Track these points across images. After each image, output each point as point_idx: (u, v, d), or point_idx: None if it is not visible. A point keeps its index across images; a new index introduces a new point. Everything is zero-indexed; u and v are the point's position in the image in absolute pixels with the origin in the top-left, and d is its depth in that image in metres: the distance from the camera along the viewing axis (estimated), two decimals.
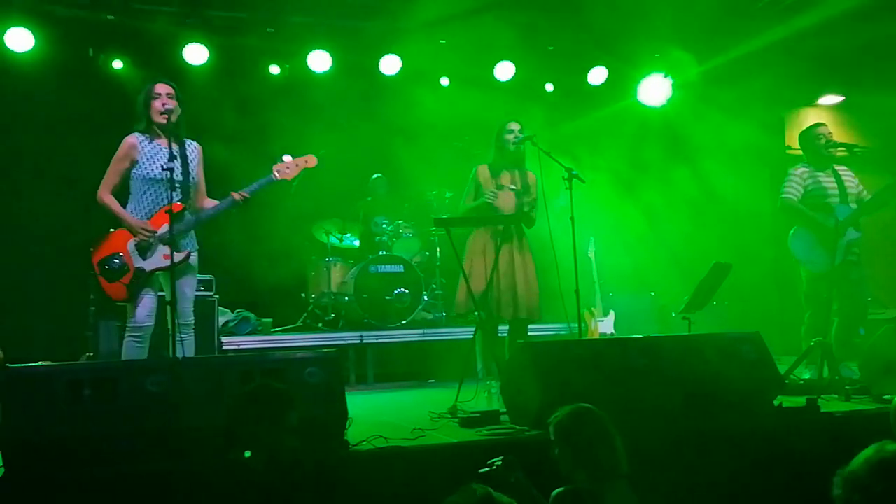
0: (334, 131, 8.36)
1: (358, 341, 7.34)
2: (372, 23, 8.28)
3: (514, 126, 5.81)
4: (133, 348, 4.84)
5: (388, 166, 8.71)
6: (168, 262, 4.79)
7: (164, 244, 4.81)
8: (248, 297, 7.91)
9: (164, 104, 4.90)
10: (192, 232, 5.10)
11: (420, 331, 7.63)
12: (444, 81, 8.97)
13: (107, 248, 4.89)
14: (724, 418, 4.48)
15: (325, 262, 8.06)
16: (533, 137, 5.78)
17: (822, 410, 4.74)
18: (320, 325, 7.87)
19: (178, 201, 4.85)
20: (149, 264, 4.88)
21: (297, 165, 5.10)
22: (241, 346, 6.98)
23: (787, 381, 5.34)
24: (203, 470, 3.49)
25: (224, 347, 6.96)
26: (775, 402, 4.79)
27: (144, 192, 4.93)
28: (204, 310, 6.83)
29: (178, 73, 7.83)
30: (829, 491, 4.02)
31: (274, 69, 8.51)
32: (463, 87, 8.79)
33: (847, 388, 5.22)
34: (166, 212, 4.67)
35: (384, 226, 8.14)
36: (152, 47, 7.83)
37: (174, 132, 4.93)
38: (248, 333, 7.47)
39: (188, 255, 4.96)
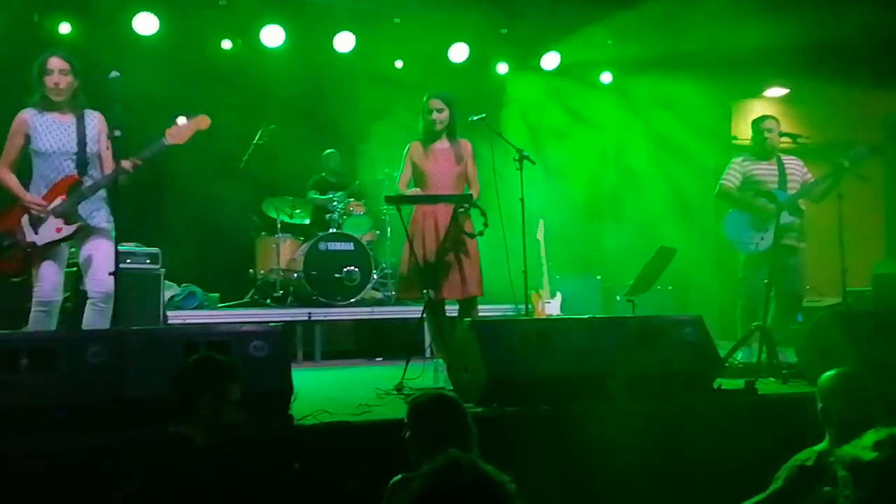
0: (287, 108, 8.33)
1: (306, 318, 7.31)
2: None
3: (436, 103, 5.77)
4: (40, 321, 4.81)
5: (340, 143, 8.67)
6: (59, 235, 4.79)
7: (58, 217, 4.79)
8: (195, 272, 7.82)
9: (55, 82, 4.86)
10: (103, 204, 5.01)
11: (369, 308, 7.64)
12: (399, 63, 8.94)
13: (1, 226, 4.86)
14: (665, 399, 4.56)
15: (274, 238, 8.01)
16: (485, 118, 5.79)
17: (760, 392, 4.86)
18: (268, 301, 7.82)
19: (74, 173, 4.86)
20: (41, 238, 4.82)
21: (188, 128, 4.92)
22: (187, 321, 6.90)
23: (726, 364, 5.47)
24: (145, 443, 3.46)
25: (169, 322, 6.88)
26: (715, 384, 4.89)
27: (41, 166, 4.89)
28: (149, 283, 6.76)
29: (128, 43, 7.72)
30: (765, 470, 4.16)
31: (226, 44, 8.40)
32: (417, 66, 8.78)
33: (784, 371, 5.35)
34: (71, 188, 4.75)
35: (335, 203, 8.10)
36: (101, 14, 7.67)
37: (70, 105, 4.91)
38: (195, 308, 7.39)
39: (80, 227, 4.86)
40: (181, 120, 4.95)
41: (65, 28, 7.74)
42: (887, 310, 6.61)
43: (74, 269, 5.25)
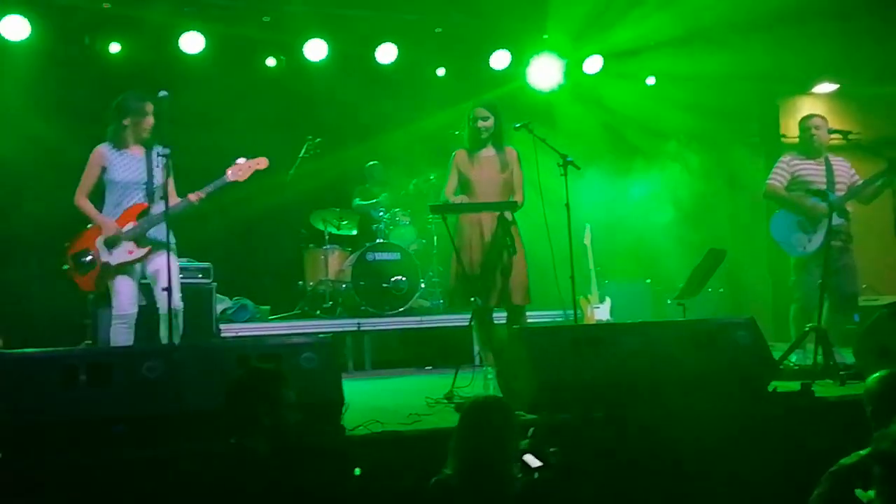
0: (331, 120, 8.41)
1: (355, 328, 7.36)
2: (368, 12, 8.28)
3: (482, 112, 5.79)
4: (121, 333, 5.24)
5: (383, 155, 8.72)
6: (131, 257, 5.31)
7: (129, 240, 5.31)
8: (246, 285, 7.93)
9: (148, 125, 5.42)
10: (165, 227, 5.26)
11: (417, 318, 7.66)
12: (441, 71, 8.98)
13: (79, 244, 5.35)
14: (719, 403, 4.50)
15: (322, 250, 8.08)
16: (529, 124, 5.77)
17: (817, 395, 4.76)
18: (318, 312, 7.89)
19: (144, 201, 5.38)
20: (114, 258, 5.30)
21: (248, 167, 5.47)
22: (240, 334, 7.00)
23: (781, 367, 5.37)
24: (201, 455, 3.51)
25: (222, 335, 6.99)
26: (770, 387, 4.81)
27: (114, 195, 5.37)
28: (202, 297, 6.86)
29: (174, 61, 7.86)
30: (822, 474, 4.07)
31: (270, 62, 8.50)
32: (460, 75, 8.81)
33: (841, 373, 5.24)
34: (140, 214, 5.30)
35: (381, 213, 8.16)
36: (149, 35, 7.84)
37: (147, 142, 5.44)
38: (246, 321, 7.48)
39: (150, 250, 5.35)
40: (241, 160, 5.46)
41: (115, 48, 7.91)
42: None
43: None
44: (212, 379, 3.82)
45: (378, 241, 7.94)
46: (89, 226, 5.36)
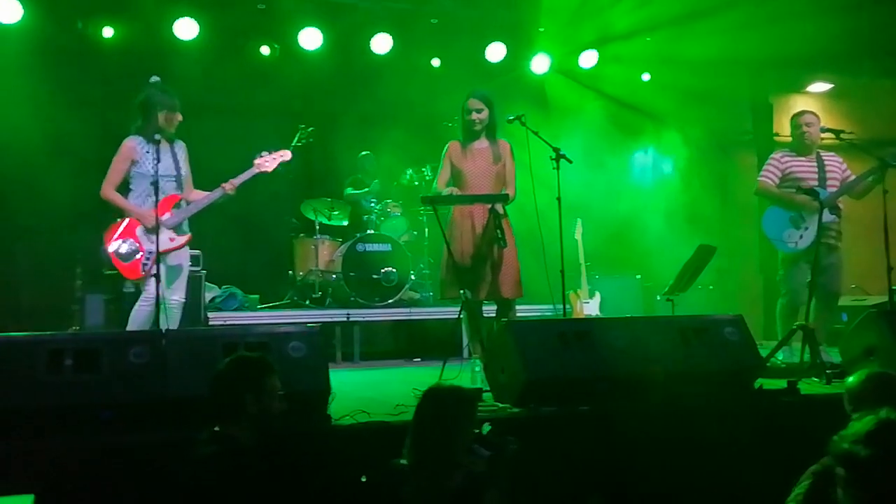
0: (324, 110, 8.39)
1: (345, 319, 7.36)
2: (363, 1, 8.26)
3: (475, 104, 5.77)
4: (145, 314, 5.30)
5: (376, 145, 8.70)
6: (173, 245, 5.46)
7: (169, 229, 5.44)
8: (236, 274, 7.91)
9: (179, 120, 5.55)
10: (188, 222, 5.62)
11: (407, 309, 7.66)
12: (436, 62, 8.96)
13: (120, 235, 5.41)
14: (705, 399, 4.51)
15: (312, 240, 8.07)
16: (522, 117, 5.76)
17: (803, 393, 4.78)
18: (307, 302, 7.88)
19: (177, 192, 5.52)
20: (156, 247, 5.36)
21: (274, 159, 5.72)
22: (228, 322, 6.98)
23: (768, 364, 5.39)
24: (190, 441, 3.50)
25: (210, 323, 6.97)
26: (756, 384, 4.83)
27: (145, 187, 5.40)
28: (190, 285, 6.80)
29: (168, 47, 7.82)
30: (806, 467, 4.08)
31: (265, 50, 8.47)
32: (455, 66, 8.79)
33: (828, 371, 5.26)
34: (175, 205, 5.46)
35: (372, 204, 8.14)
36: (142, 20, 7.80)
37: (171, 136, 5.59)
38: (235, 309, 7.47)
39: (189, 238, 5.56)
40: (265, 152, 5.73)
41: (108, 32, 7.88)
42: None
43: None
44: (199, 366, 3.81)
45: (369, 231, 7.93)
46: (118, 218, 5.43)
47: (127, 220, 5.41)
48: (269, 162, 5.70)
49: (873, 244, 6.49)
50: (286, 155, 5.78)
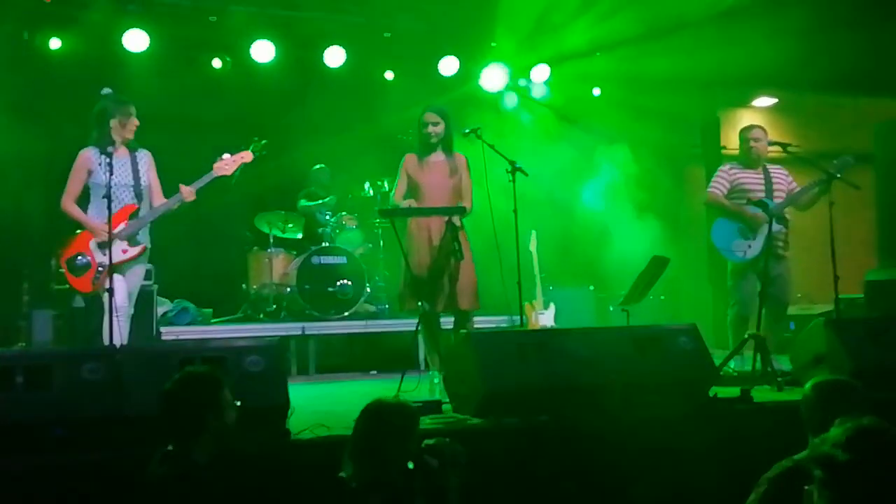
0: (278, 123, 8.33)
1: (300, 332, 7.29)
2: (316, 13, 8.24)
3: (432, 117, 5.80)
4: (122, 327, 5.24)
5: (330, 158, 8.67)
6: (125, 256, 5.37)
7: (122, 240, 5.35)
8: (188, 288, 7.80)
9: (135, 126, 5.49)
10: (147, 228, 5.57)
11: (363, 322, 7.63)
12: (389, 75, 8.97)
13: (72, 249, 5.37)
14: (662, 408, 4.56)
15: (266, 253, 8.01)
16: (477, 130, 5.80)
17: (756, 400, 4.86)
18: (261, 315, 7.81)
19: (133, 202, 5.42)
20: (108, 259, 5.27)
21: (234, 161, 5.61)
22: (181, 337, 6.88)
23: (721, 373, 5.48)
24: (144, 459, 3.44)
25: (163, 338, 6.86)
26: (710, 393, 4.90)
27: (100, 197, 5.31)
28: (142, 299, 6.69)
29: (118, 59, 7.72)
30: (761, 474, 4.15)
31: (216, 63, 8.41)
32: (408, 80, 8.81)
33: (779, 379, 5.37)
34: (131, 215, 5.38)
35: (327, 217, 8.10)
36: (91, 32, 7.68)
37: (131, 144, 5.52)
38: (188, 324, 7.37)
39: (143, 249, 5.48)
40: (226, 155, 5.63)
41: (55, 44, 7.74)
42: (881, 317, 6.63)
43: None
44: (154, 381, 3.70)
45: (324, 244, 7.88)
46: (78, 231, 5.39)
47: (81, 232, 5.36)
48: (228, 165, 5.60)
49: (818, 255, 6.67)
50: (247, 157, 5.69)
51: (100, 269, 5.28)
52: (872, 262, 7.67)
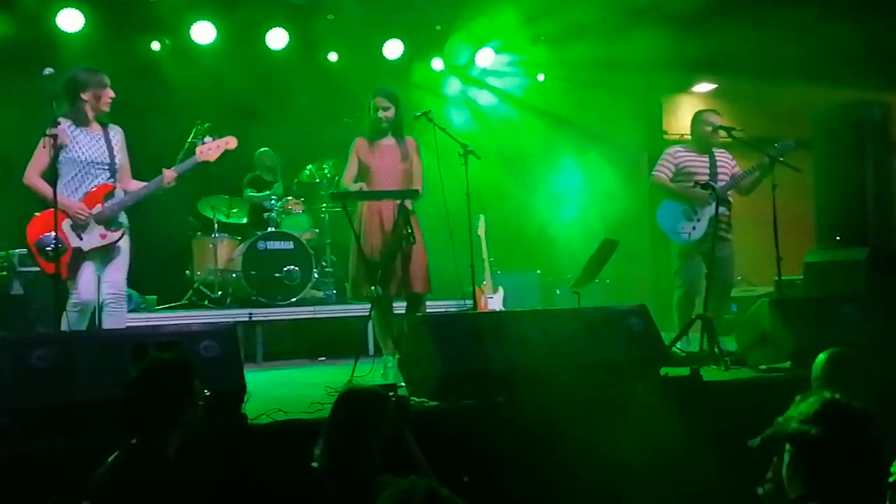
0: (220, 105, 8.18)
1: (247, 318, 7.18)
2: None
3: (382, 102, 5.76)
4: (75, 321, 4.97)
5: (275, 141, 8.56)
6: (104, 242, 5.05)
7: (100, 223, 5.03)
8: (130, 275, 7.57)
9: (110, 98, 5.18)
10: (124, 211, 5.24)
11: (311, 308, 7.55)
12: (333, 57, 8.88)
13: (41, 229, 4.93)
14: (614, 387, 4.63)
15: (211, 238, 7.87)
16: (429, 113, 5.78)
17: (705, 379, 4.97)
18: (206, 302, 7.68)
19: (110, 182, 5.10)
20: (86, 244, 5.02)
21: (218, 147, 5.36)
22: (125, 325, 6.71)
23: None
24: (98, 448, 3.35)
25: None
26: (661, 372, 4.99)
27: (74, 175, 5.05)
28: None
29: (56, 40, 7.48)
30: (712, 455, 4.25)
31: (155, 45, 8.21)
32: (353, 63, 8.74)
33: (726, 359, 5.49)
34: (107, 195, 5.03)
35: (273, 201, 8.00)
36: (23, 11, 7.42)
37: (103, 118, 5.22)
38: (132, 311, 7.17)
39: (123, 234, 5.16)
40: (209, 139, 5.42)
41: None
42: (821, 296, 6.83)
43: None
44: (108, 368, 3.67)
45: (270, 229, 7.78)
46: (39, 211, 4.98)
47: (50, 210, 4.89)
48: (212, 150, 5.33)
49: (755, 238, 6.83)
50: (231, 142, 5.41)
51: (75, 253, 4.96)
52: (809, 244, 7.88)
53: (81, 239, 4.97)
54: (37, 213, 5.01)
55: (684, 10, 7.79)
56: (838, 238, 7.50)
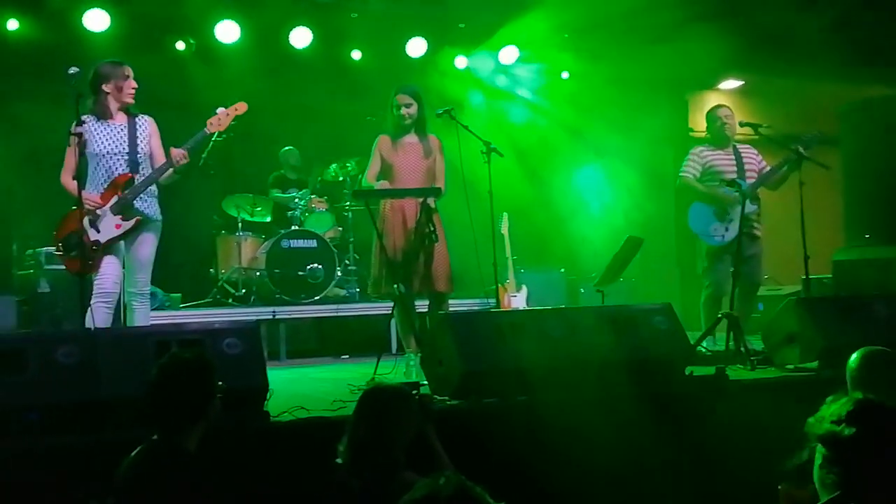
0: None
1: (270, 317, 7.21)
2: None
3: (404, 99, 5.74)
4: (102, 313, 4.94)
5: (300, 140, 8.58)
6: (119, 231, 5.01)
7: (116, 214, 5.00)
8: (156, 273, 7.61)
9: (133, 88, 5.17)
10: (154, 200, 5.22)
11: (334, 306, 7.57)
12: (356, 55, 8.89)
13: (66, 227, 5.01)
14: (639, 386, 4.58)
15: (235, 237, 7.90)
16: (452, 111, 5.77)
17: (731, 378, 4.91)
18: (230, 300, 7.71)
19: (128, 171, 5.05)
20: (103, 235, 5.00)
21: (227, 114, 5.25)
22: (150, 323, 6.75)
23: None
24: (122, 444, 3.37)
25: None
26: (686, 372, 4.94)
27: (97, 168, 5.07)
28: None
29: (81, 40, 7.55)
30: (739, 455, 4.19)
31: (180, 45, 8.26)
32: (376, 61, 8.74)
33: (752, 358, 5.43)
34: (124, 185, 4.98)
35: (296, 200, 8.02)
36: (49, 11, 7.50)
37: (123, 109, 5.17)
38: (156, 309, 7.22)
39: (137, 223, 5.06)
40: (220, 109, 5.24)
41: (13, 25, 7.55)
42: (850, 296, 6.74)
43: None
44: (131, 365, 3.69)
45: (294, 227, 7.80)
46: (73, 207, 4.99)
47: (73, 210, 4.98)
48: (222, 119, 5.22)
49: (783, 236, 6.75)
50: (241, 107, 5.29)
51: (94, 247, 4.94)
52: (838, 242, 7.78)
53: (99, 231, 4.97)
54: (68, 212, 5.05)
55: (710, 7, 7.74)
56: (867, 236, 7.39)
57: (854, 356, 3.55)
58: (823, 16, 7.28)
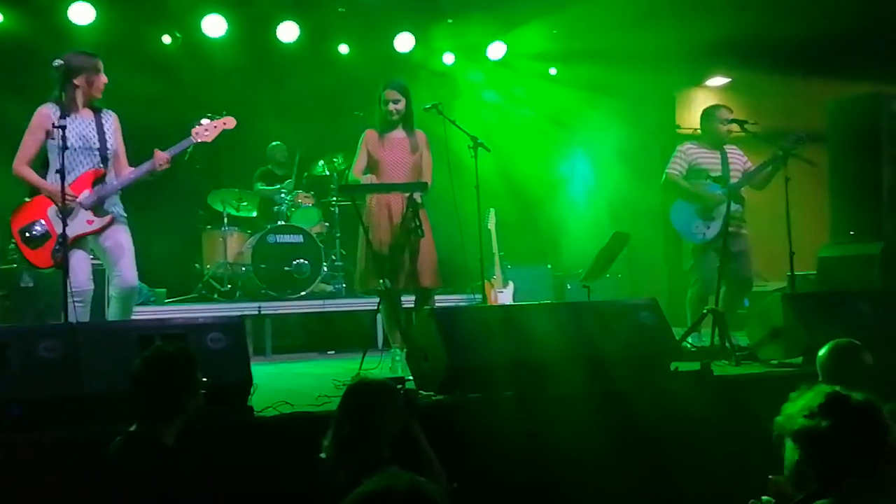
0: (232, 98, 8.16)
1: (256, 312, 7.18)
2: None
3: (392, 94, 5.73)
4: (79, 311, 4.81)
5: (286, 135, 8.54)
6: (91, 227, 4.89)
7: (86, 209, 4.89)
8: (140, 267, 7.57)
9: (103, 83, 5.02)
10: (118, 198, 5.12)
11: (320, 301, 7.54)
12: (344, 49, 8.86)
13: (26, 217, 4.87)
14: (624, 381, 4.59)
15: (221, 232, 7.86)
16: (439, 105, 5.76)
17: (716, 374, 4.92)
18: (216, 295, 7.67)
19: (100, 167, 4.95)
20: (71, 230, 4.83)
21: (215, 127, 5.16)
22: (134, 317, 6.71)
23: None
24: (104, 438, 3.35)
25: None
26: (671, 367, 4.94)
27: (63, 162, 4.85)
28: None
29: (66, 33, 7.49)
30: (724, 450, 4.20)
31: (166, 39, 8.21)
32: (363, 56, 8.72)
33: (737, 354, 5.44)
34: (95, 181, 4.87)
35: (283, 195, 7.98)
36: (34, 4, 7.44)
37: (94, 104, 5.07)
38: (140, 304, 7.18)
39: (111, 220, 4.99)
40: (205, 120, 5.17)
41: None
42: (834, 291, 6.76)
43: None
44: (114, 360, 3.66)
45: (280, 222, 7.77)
46: (27, 198, 4.87)
47: (35, 198, 4.86)
48: (208, 131, 5.12)
49: (768, 233, 6.77)
50: (229, 122, 5.22)
51: (60, 240, 4.77)
52: (824, 239, 7.79)
53: (67, 226, 4.78)
54: (25, 201, 4.91)
55: (697, 3, 7.74)
56: (852, 233, 7.42)
57: (823, 349, 3.60)
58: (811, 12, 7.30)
